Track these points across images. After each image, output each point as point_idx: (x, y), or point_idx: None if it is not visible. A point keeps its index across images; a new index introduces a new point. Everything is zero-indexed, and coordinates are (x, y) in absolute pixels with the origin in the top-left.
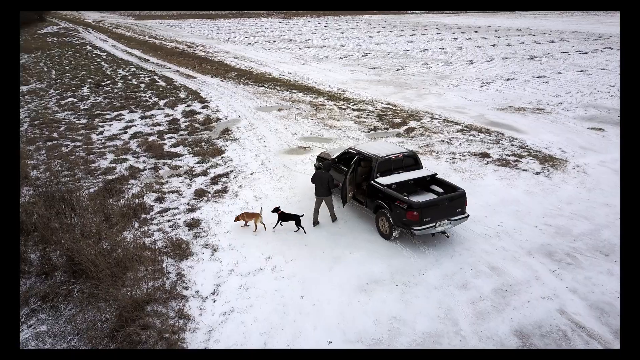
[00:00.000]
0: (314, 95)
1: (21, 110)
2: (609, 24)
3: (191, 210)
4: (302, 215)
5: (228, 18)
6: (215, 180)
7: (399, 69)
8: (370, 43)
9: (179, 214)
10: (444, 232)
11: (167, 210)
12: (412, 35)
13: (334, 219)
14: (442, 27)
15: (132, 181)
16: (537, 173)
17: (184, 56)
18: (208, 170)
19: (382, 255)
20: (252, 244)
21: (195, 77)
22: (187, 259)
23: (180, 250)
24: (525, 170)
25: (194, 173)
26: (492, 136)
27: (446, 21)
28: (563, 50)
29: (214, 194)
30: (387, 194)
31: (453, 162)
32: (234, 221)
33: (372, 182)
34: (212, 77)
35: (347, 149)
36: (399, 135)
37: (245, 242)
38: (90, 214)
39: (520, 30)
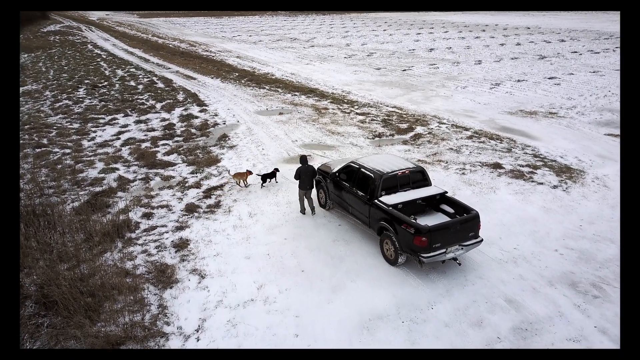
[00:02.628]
0: (316, 98)
1: None
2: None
3: (180, 228)
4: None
5: (233, 16)
6: (208, 193)
7: (405, 70)
8: (375, 42)
9: (167, 232)
10: (455, 259)
11: (154, 228)
12: (419, 34)
13: (313, 211)
14: (449, 25)
15: (120, 194)
16: (554, 187)
17: (186, 56)
18: (201, 182)
19: (386, 284)
20: (244, 269)
21: (195, 79)
22: (171, 287)
23: (164, 277)
24: (542, 184)
25: (187, 185)
26: (503, 143)
27: (453, 19)
28: (574, 50)
29: (206, 210)
30: (393, 216)
31: (463, 173)
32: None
33: (376, 201)
34: (212, 78)
35: (349, 162)
36: (405, 142)
37: (237, 266)
38: (71, 232)
39: (529, 28)
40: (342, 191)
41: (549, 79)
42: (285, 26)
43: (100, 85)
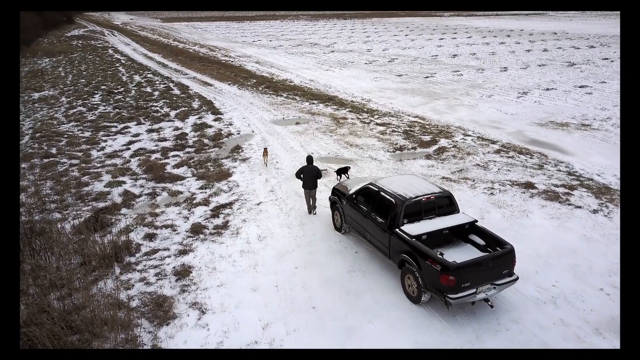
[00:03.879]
0: (335, 107)
1: (27, 119)
2: None
3: (183, 252)
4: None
5: (254, 20)
6: (216, 211)
7: (427, 77)
8: (397, 47)
9: (169, 257)
10: (486, 300)
11: (156, 251)
12: (441, 39)
13: (314, 211)
14: (473, 30)
15: (124, 210)
16: (594, 211)
17: (204, 61)
18: (210, 199)
19: (408, 327)
20: (249, 304)
21: (212, 85)
22: (167, 324)
23: (161, 311)
24: (580, 207)
25: (194, 202)
26: (534, 159)
27: (477, 24)
28: (605, 57)
29: (213, 231)
30: (416, 248)
31: (492, 193)
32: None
33: (397, 230)
34: (229, 84)
35: (367, 184)
36: (428, 156)
37: (242, 299)
38: (68, 254)
39: (555, 34)
40: (360, 215)
41: (579, 87)
42: (306, 31)
43: (116, 91)
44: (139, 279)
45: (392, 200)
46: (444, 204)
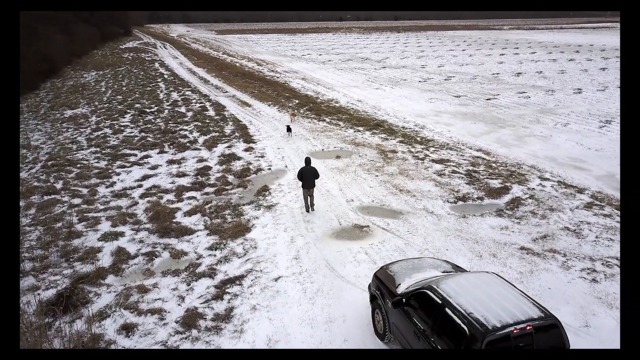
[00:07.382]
0: (383, 136)
1: (49, 142)
2: None
3: None
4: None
5: (306, 33)
6: (221, 289)
7: (489, 98)
8: (454, 64)
9: None
10: None
11: None
12: (502, 54)
13: (312, 208)
14: (536, 45)
15: (109, 279)
16: None
17: (248, 77)
18: (218, 267)
19: None
20: None
21: (250, 105)
22: None
23: None
24: None
25: (198, 271)
26: None
27: (540, 38)
28: None
29: (210, 324)
30: None
31: (594, 279)
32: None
33: None
34: (269, 105)
35: (425, 288)
36: (499, 212)
37: None
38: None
39: None
40: (411, 332)
41: None
42: (357, 44)
43: (148, 111)
44: None
45: (465, 328)
46: (547, 333)
